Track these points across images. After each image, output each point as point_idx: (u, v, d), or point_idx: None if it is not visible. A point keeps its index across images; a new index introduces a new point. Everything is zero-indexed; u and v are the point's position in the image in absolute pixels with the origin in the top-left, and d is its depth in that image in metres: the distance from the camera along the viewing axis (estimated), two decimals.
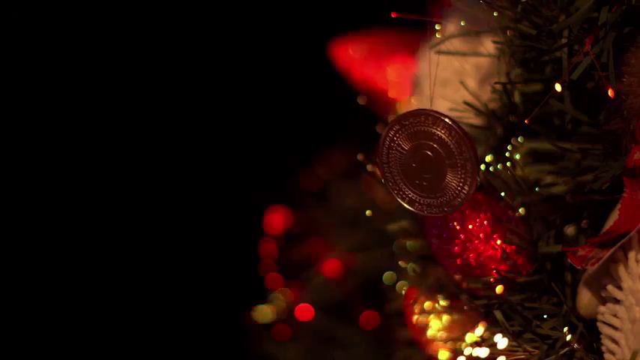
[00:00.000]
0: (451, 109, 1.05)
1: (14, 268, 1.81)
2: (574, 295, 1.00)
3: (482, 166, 1.02)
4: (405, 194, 0.97)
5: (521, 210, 1.02)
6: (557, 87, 0.95)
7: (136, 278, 1.83)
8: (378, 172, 0.98)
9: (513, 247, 1.01)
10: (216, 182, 1.85)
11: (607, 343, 0.95)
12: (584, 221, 1.03)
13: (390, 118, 1.20)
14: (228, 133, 1.85)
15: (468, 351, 1.01)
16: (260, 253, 1.58)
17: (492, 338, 1.00)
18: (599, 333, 0.96)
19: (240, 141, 1.85)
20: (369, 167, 1.11)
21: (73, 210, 1.84)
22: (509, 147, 1.04)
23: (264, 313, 1.51)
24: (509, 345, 0.99)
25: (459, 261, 1.03)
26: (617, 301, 0.94)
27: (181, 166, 1.85)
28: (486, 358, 1.00)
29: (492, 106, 1.06)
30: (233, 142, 1.85)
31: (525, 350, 0.98)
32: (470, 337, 1.02)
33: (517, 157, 1.04)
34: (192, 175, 1.85)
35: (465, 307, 1.04)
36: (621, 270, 0.94)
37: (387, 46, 1.45)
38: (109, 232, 1.84)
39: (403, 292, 1.17)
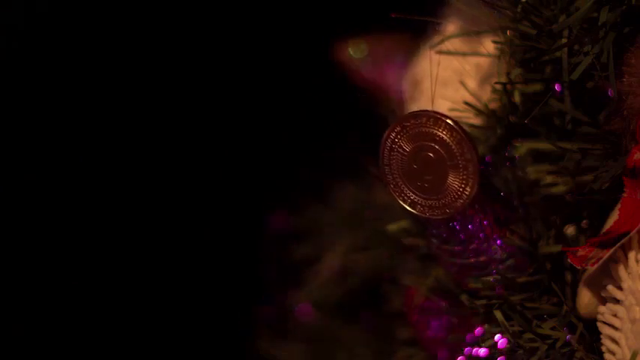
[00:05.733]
0: (451, 109, 1.05)
1: (14, 268, 1.81)
2: (574, 295, 1.01)
3: (482, 167, 1.02)
4: (406, 196, 0.97)
5: (521, 210, 1.02)
6: (557, 87, 0.95)
7: (135, 278, 1.83)
8: (380, 175, 0.98)
9: (513, 247, 1.02)
10: (216, 182, 1.85)
11: (607, 343, 0.95)
12: (584, 221, 1.03)
13: (391, 119, 1.20)
14: (228, 133, 1.85)
15: (468, 351, 1.01)
16: (260, 253, 1.58)
17: (492, 338, 1.00)
18: (599, 333, 0.97)
19: (241, 141, 1.85)
20: (370, 167, 1.11)
21: (73, 210, 1.84)
22: (509, 147, 1.04)
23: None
24: (509, 345, 0.99)
25: (458, 261, 1.03)
26: (617, 301, 0.94)
27: (181, 166, 1.85)
28: (486, 358, 1.00)
29: (492, 106, 1.06)
30: (233, 141, 1.85)
31: (525, 350, 0.99)
32: (470, 337, 1.03)
33: (517, 157, 1.04)
34: (192, 175, 1.85)
35: (465, 307, 1.05)
36: (621, 270, 0.94)
37: (388, 46, 1.45)
38: (108, 232, 1.84)
39: (403, 292, 1.17)
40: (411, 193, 0.97)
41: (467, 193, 0.94)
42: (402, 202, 0.97)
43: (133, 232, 1.84)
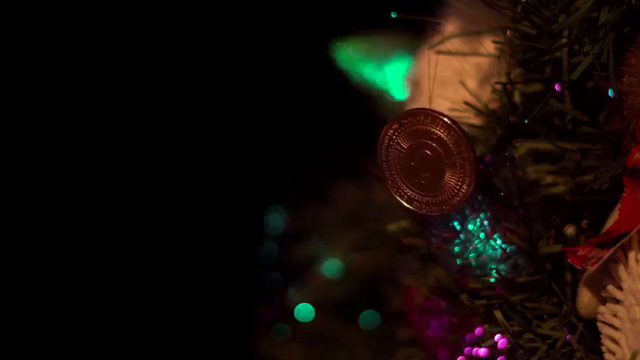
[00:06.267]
0: (451, 109, 1.05)
1: (14, 268, 1.81)
2: (574, 295, 1.01)
3: (482, 166, 1.02)
4: (403, 192, 0.97)
5: (521, 210, 1.02)
6: (557, 87, 0.95)
7: (136, 279, 1.83)
8: (378, 171, 0.99)
9: (513, 247, 1.02)
10: (216, 182, 1.85)
11: (607, 343, 0.95)
12: (584, 221, 1.03)
13: (390, 117, 1.20)
14: (228, 133, 1.85)
15: (468, 351, 1.01)
16: (260, 254, 1.58)
17: (492, 338, 1.00)
18: (599, 333, 0.97)
19: (241, 141, 1.85)
20: (369, 167, 1.12)
21: (73, 210, 1.84)
22: (509, 147, 1.04)
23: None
24: (509, 345, 0.99)
25: (459, 261, 1.03)
26: (617, 301, 0.94)
27: (181, 166, 1.85)
28: (486, 358, 1.00)
29: (492, 106, 1.06)
30: (233, 142, 1.85)
31: (525, 350, 0.99)
32: (470, 337, 1.03)
33: (517, 157, 1.04)
34: (192, 176, 1.85)
35: (465, 307, 1.05)
36: (621, 270, 0.94)
37: (387, 45, 1.45)
38: (108, 232, 1.84)
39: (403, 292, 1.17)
40: (408, 190, 0.97)
41: (463, 190, 0.95)
42: (398, 198, 0.98)
43: (133, 232, 1.84)
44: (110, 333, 1.82)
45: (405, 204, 0.97)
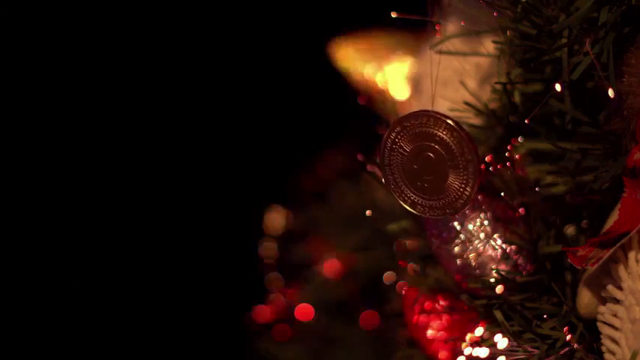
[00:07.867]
0: (451, 109, 1.05)
1: (14, 268, 1.81)
2: (574, 295, 1.01)
3: (483, 166, 1.02)
4: (407, 196, 0.97)
5: (521, 210, 1.02)
6: (557, 87, 0.95)
7: (136, 279, 1.83)
8: (379, 175, 0.98)
9: (513, 247, 1.02)
10: (216, 182, 1.85)
11: (607, 343, 0.95)
12: (584, 221, 1.03)
13: (391, 119, 1.20)
14: (228, 133, 1.85)
15: (467, 351, 1.01)
16: (260, 253, 1.58)
17: (492, 338, 1.00)
18: (599, 333, 0.97)
19: (241, 141, 1.86)
20: (369, 167, 1.11)
21: (74, 211, 1.84)
22: (509, 147, 1.04)
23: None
24: (509, 345, 0.99)
25: (459, 261, 1.03)
26: (617, 301, 0.94)
27: (182, 166, 1.85)
28: (486, 358, 1.00)
29: (492, 106, 1.06)
30: (233, 142, 1.85)
31: (525, 350, 0.99)
32: (470, 337, 1.03)
33: (517, 157, 1.04)
34: (192, 176, 1.85)
35: (465, 307, 1.05)
36: (621, 270, 0.94)
37: (387, 45, 1.45)
38: (108, 233, 1.84)
39: (403, 292, 1.17)
40: (411, 194, 0.97)
41: (467, 193, 0.94)
42: (402, 203, 0.97)
43: (133, 232, 1.84)
44: (110, 333, 1.82)
45: (408, 208, 0.97)
